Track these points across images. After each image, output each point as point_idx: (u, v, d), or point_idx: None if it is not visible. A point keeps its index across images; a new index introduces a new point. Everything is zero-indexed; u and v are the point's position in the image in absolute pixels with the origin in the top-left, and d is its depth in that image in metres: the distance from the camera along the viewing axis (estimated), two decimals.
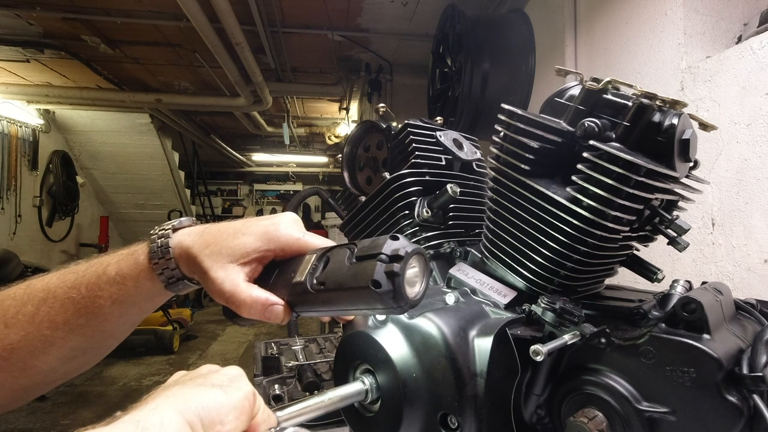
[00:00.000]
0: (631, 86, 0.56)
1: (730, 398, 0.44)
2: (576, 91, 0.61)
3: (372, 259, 0.41)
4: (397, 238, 0.42)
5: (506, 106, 0.64)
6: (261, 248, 0.51)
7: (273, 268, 0.53)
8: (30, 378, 0.55)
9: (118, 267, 0.54)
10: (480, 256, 0.72)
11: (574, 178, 0.56)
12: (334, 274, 0.45)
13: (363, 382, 0.58)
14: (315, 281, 0.46)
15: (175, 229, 0.54)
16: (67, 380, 0.60)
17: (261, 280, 0.52)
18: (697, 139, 0.57)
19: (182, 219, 0.57)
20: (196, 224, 0.56)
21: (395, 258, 0.41)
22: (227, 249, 0.50)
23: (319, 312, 0.50)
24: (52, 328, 0.53)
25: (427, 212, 0.77)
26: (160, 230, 0.55)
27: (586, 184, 0.55)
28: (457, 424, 0.53)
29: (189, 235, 0.53)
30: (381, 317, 0.60)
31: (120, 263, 0.54)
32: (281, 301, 0.49)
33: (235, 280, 0.49)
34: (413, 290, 0.43)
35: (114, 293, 0.53)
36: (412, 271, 0.42)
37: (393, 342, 0.57)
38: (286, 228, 0.52)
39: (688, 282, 0.58)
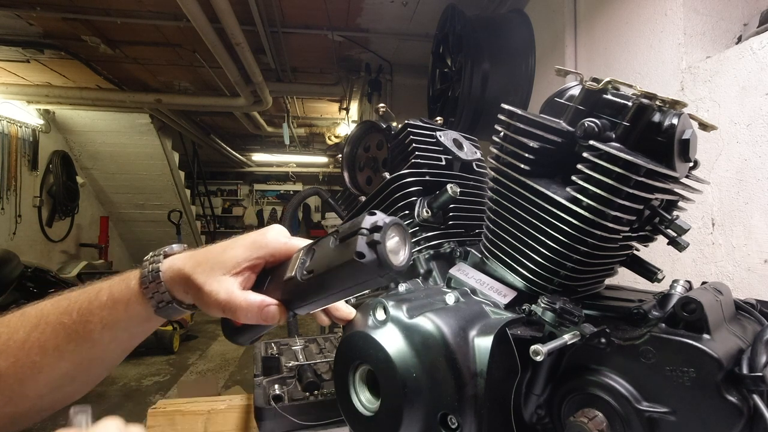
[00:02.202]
0: (631, 86, 0.56)
1: (730, 398, 0.44)
2: (576, 91, 0.61)
3: (353, 235, 0.43)
4: (374, 213, 0.44)
5: (506, 106, 0.64)
6: (251, 256, 0.52)
7: (266, 275, 0.54)
8: (17, 406, 0.55)
9: (110, 292, 0.55)
10: (480, 256, 0.72)
11: (574, 178, 0.56)
12: (320, 260, 0.47)
13: None
14: (304, 272, 0.48)
15: (166, 255, 0.56)
16: (54, 411, 0.58)
17: (255, 287, 0.54)
18: (697, 139, 0.57)
19: (173, 245, 0.59)
20: (187, 250, 0.58)
21: (375, 229, 0.43)
22: (219, 263, 0.52)
23: (313, 304, 0.51)
24: (42, 354, 0.53)
25: (427, 212, 0.77)
26: (151, 256, 0.56)
27: (586, 184, 0.55)
28: (457, 424, 0.53)
29: (180, 258, 0.55)
30: (381, 317, 0.60)
31: (112, 288, 0.55)
32: (275, 302, 0.51)
33: (229, 289, 0.50)
34: (397, 258, 0.44)
35: (105, 317, 0.54)
36: (393, 240, 0.44)
37: (393, 342, 0.57)
38: (273, 235, 0.54)
39: (688, 282, 0.58)
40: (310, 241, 0.54)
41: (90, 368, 0.57)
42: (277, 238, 0.54)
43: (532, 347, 0.48)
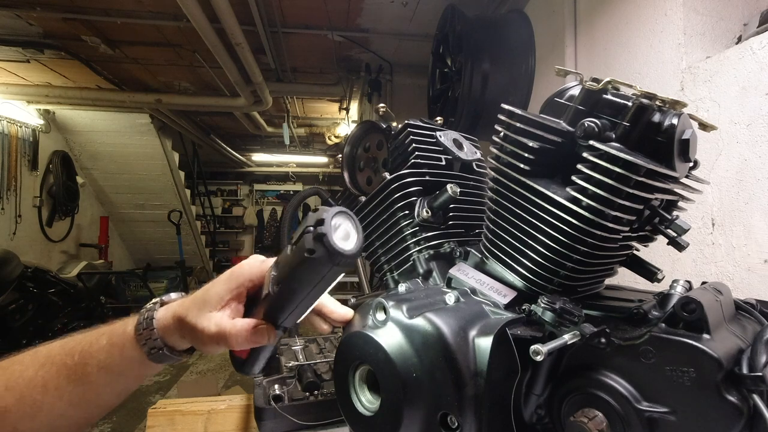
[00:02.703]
0: (631, 86, 0.56)
1: (730, 398, 0.44)
2: (576, 91, 0.61)
3: (302, 236, 0.45)
4: (317, 210, 0.46)
5: (506, 106, 0.64)
6: (231, 288, 0.56)
7: (252, 301, 0.58)
8: None
9: (109, 336, 0.58)
10: (480, 256, 0.72)
11: (573, 178, 0.56)
12: (283, 268, 0.49)
13: None
14: (274, 285, 0.51)
15: (162, 303, 0.60)
16: None
17: (245, 315, 0.57)
18: (697, 139, 0.57)
19: (171, 294, 0.62)
20: (185, 296, 0.61)
21: (319, 223, 0.44)
22: (205, 302, 0.55)
23: (293, 312, 0.53)
24: (43, 393, 0.55)
25: (427, 212, 0.77)
26: (151, 304, 0.60)
27: (585, 184, 0.55)
28: (457, 424, 0.53)
29: (174, 305, 0.58)
30: (381, 317, 0.60)
31: (111, 333, 0.58)
32: (261, 321, 0.54)
33: (218, 322, 0.54)
34: (348, 243, 0.45)
35: (102, 360, 0.57)
36: (340, 229, 0.45)
37: (393, 342, 0.57)
38: (248, 262, 0.58)
39: (688, 282, 0.58)
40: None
41: (86, 409, 0.59)
42: (251, 264, 0.58)
43: (532, 347, 0.48)
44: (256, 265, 0.57)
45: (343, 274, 0.49)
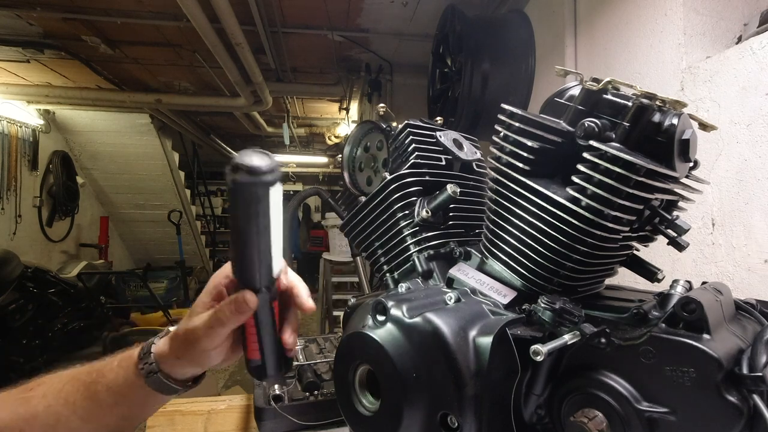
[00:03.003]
0: (631, 86, 0.56)
1: (730, 398, 0.44)
2: (576, 91, 0.61)
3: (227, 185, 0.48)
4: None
5: (506, 107, 0.64)
6: (210, 290, 0.58)
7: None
8: None
9: (121, 359, 0.61)
10: (480, 256, 0.72)
11: (574, 178, 0.56)
12: (230, 227, 0.50)
13: None
14: (229, 249, 0.52)
15: (167, 333, 0.61)
16: None
17: None
18: (697, 139, 0.57)
19: (179, 325, 0.63)
20: None
21: (231, 165, 0.46)
22: (192, 312, 0.58)
23: (257, 262, 0.51)
24: (63, 405, 0.58)
25: (427, 212, 0.77)
26: (158, 335, 0.62)
27: (586, 184, 0.55)
28: (457, 424, 0.53)
29: (173, 329, 0.60)
30: (381, 317, 0.60)
31: (124, 356, 0.61)
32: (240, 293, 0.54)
33: (205, 315, 0.55)
34: (261, 162, 0.46)
35: (110, 381, 0.59)
36: (250, 156, 0.47)
37: (393, 342, 0.57)
38: (224, 265, 0.59)
39: (688, 282, 0.58)
40: None
41: (95, 428, 0.60)
42: (225, 266, 0.59)
43: (533, 347, 0.48)
44: (228, 266, 0.58)
45: (279, 202, 0.49)
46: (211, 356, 0.57)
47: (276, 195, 0.48)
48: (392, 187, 0.81)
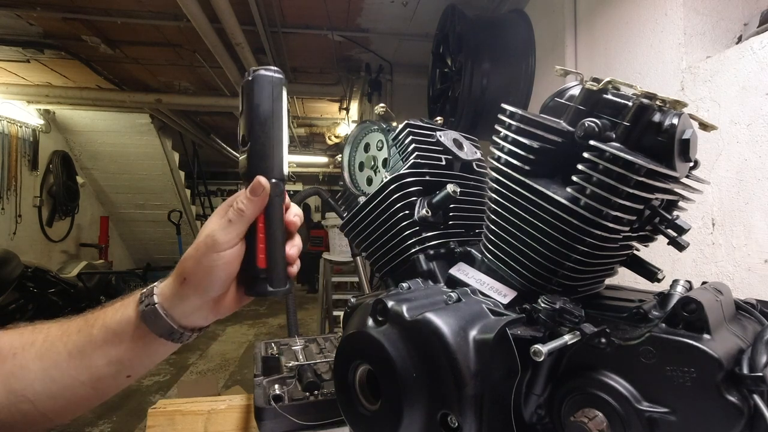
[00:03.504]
0: (631, 86, 0.56)
1: (731, 398, 0.44)
2: (576, 91, 0.61)
3: (242, 90, 0.56)
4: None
5: (506, 106, 0.64)
6: (220, 212, 0.56)
7: None
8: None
9: (128, 298, 0.59)
10: (480, 255, 0.72)
11: (574, 178, 0.56)
12: (244, 121, 0.57)
13: None
14: (241, 144, 0.58)
15: None
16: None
17: None
18: (698, 139, 0.57)
19: None
20: None
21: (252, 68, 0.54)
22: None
23: (270, 149, 0.56)
24: (59, 337, 0.57)
25: (427, 212, 0.77)
26: None
27: (586, 184, 0.55)
28: (457, 424, 0.53)
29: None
30: (381, 317, 0.60)
31: (131, 295, 0.59)
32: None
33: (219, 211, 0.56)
34: (275, 68, 0.55)
35: (107, 318, 0.57)
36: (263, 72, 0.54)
37: (393, 342, 0.57)
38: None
39: (689, 282, 0.58)
40: None
41: (77, 365, 0.55)
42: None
43: (533, 347, 0.48)
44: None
45: (287, 103, 0.56)
46: (219, 275, 0.53)
47: (285, 98, 0.54)
48: (392, 186, 0.81)
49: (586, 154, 0.55)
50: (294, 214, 0.59)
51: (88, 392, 0.57)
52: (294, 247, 0.58)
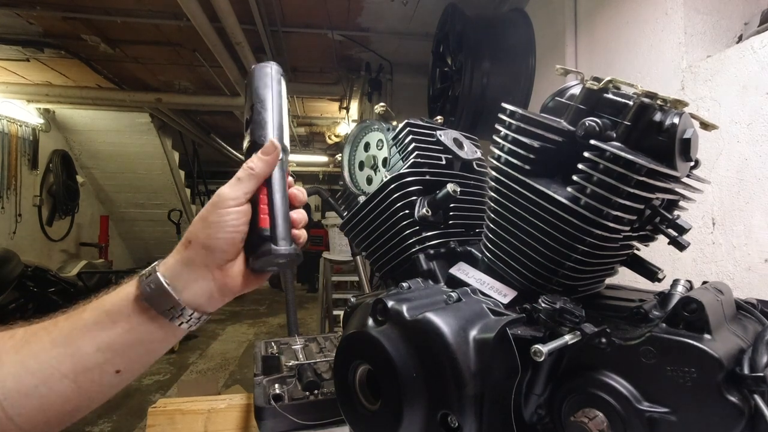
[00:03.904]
0: (632, 85, 0.56)
1: (731, 398, 0.43)
2: (577, 90, 0.61)
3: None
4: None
5: (507, 106, 0.64)
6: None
7: None
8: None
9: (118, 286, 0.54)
10: (480, 255, 0.72)
11: (574, 177, 0.56)
12: (248, 97, 0.61)
13: None
14: (246, 114, 0.61)
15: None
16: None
17: None
18: (698, 139, 0.57)
19: None
20: None
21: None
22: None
23: (275, 119, 0.59)
24: (44, 326, 0.51)
25: (428, 212, 0.77)
26: None
27: (586, 184, 0.55)
28: (457, 424, 0.53)
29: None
30: (381, 316, 0.60)
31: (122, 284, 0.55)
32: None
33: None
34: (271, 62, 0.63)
35: (99, 300, 0.53)
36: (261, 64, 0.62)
37: (393, 341, 0.57)
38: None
39: (689, 282, 0.58)
40: None
41: (61, 354, 0.49)
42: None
43: (533, 347, 0.48)
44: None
45: (285, 86, 0.63)
46: (225, 231, 0.51)
47: (283, 85, 0.62)
48: (392, 186, 0.80)
49: (586, 154, 0.54)
50: (297, 189, 0.60)
51: (68, 389, 0.49)
52: (300, 213, 0.58)
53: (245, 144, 0.59)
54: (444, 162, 0.84)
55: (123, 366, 0.52)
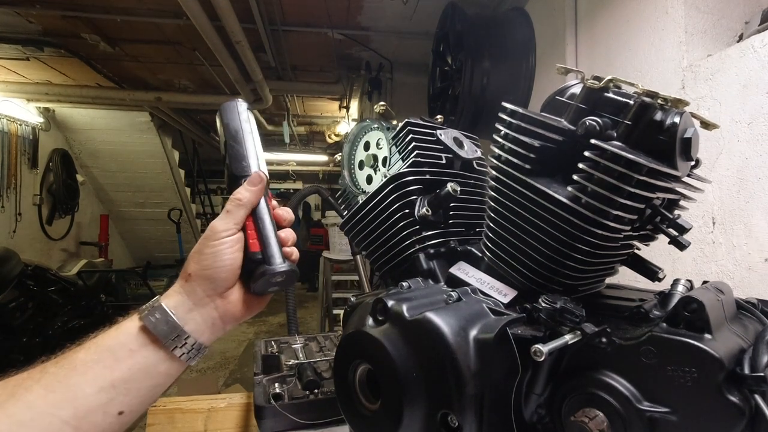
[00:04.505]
0: (632, 84, 0.56)
1: (732, 398, 0.43)
2: (577, 89, 0.61)
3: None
4: None
5: (507, 105, 0.64)
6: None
7: None
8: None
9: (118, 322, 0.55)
10: (480, 254, 0.72)
11: (575, 177, 0.56)
12: (222, 140, 0.64)
13: None
14: (223, 151, 0.64)
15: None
16: None
17: None
18: (699, 138, 0.57)
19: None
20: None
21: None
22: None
23: (253, 150, 0.63)
24: (31, 375, 0.49)
25: (428, 211, 0.77)
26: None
27: (587, 183, 0.54)
28: (457, 424, 0.53)
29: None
30: (381, 316, 0.60)
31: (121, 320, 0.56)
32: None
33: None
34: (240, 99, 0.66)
35: (98, 338, 0.52)
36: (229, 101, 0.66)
37: (393, 341, 0.57)
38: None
39: (689, 281, 0.58)
40: None
41: (58, 397, 0.47)
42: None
43: (533, 347, 0.48)
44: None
45: (253, 118, 0.66)
46: (222, 260, 0.54)
47: (251, 117, 0.65)
48: (392, 185, 0.80)
49: (587, 153, 0.54)
50: (282, 209, 0.63)
51: None
52: (287, 232, 0.61)
53: (225, 177, 0.63)
54: (444, 161, 0.84)
55: (125, 406, 0.50)
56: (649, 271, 0.66)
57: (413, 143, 0.81)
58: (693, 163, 0.59)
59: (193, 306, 0.55)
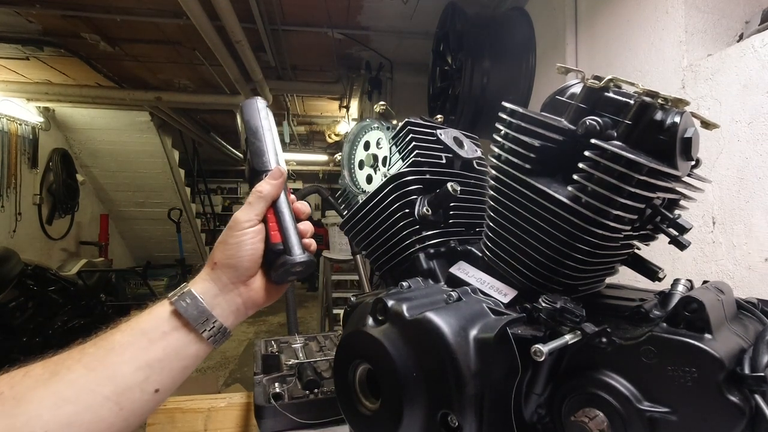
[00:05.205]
0: (632, 84, 0.56)
1: (732, 398, 0.43)
2: (577, 89, 0.61)
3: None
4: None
5: (507, 105, 0.64)
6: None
7: None
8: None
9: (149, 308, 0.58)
10: (481, 254, 0.72)
11: (575, 176, 0.56)
12: (244, 136, 0.68)
13: None
14: (245, 148, 0.68)
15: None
16: None
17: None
18: (699, 138, 0.57)
19: None
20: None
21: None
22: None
23: (273, 147, 0.67)
24: (72, 355, 0.52)
25: (428, 211, 0.77)
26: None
27: (587, 183, 0.54)
28: (457, 424, 0.53)
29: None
30: (381, 316, 0.60)
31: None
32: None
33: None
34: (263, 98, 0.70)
35: (130, 321, 0.56)
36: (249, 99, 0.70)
37: (393, 341, 0.57)
38: None
39: (690, 281, 0.58)
40: None
41: (93, 376, 0.49)
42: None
43: (533, 347, 0.48)
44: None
45: (272, 115, 0.70)
46: (245, 249, 0.58)
47: (270, 116, 0.69)
48: (392, 185, 0.80)
49: (587, 153, 0.54)
50: (301, 203, 0.68)
51: (110, 412, 0.48)
52: (306, 225, 0.65)
53: (246, 172, 0.66)
54: (444, 161, 0.84)
55: (160, 384, 0.53)
56: (649, 270, 0.66)
57: (413, 143, 0.81)
58: (693, 162, 0.59)
59: (219, 292, 0.58)
